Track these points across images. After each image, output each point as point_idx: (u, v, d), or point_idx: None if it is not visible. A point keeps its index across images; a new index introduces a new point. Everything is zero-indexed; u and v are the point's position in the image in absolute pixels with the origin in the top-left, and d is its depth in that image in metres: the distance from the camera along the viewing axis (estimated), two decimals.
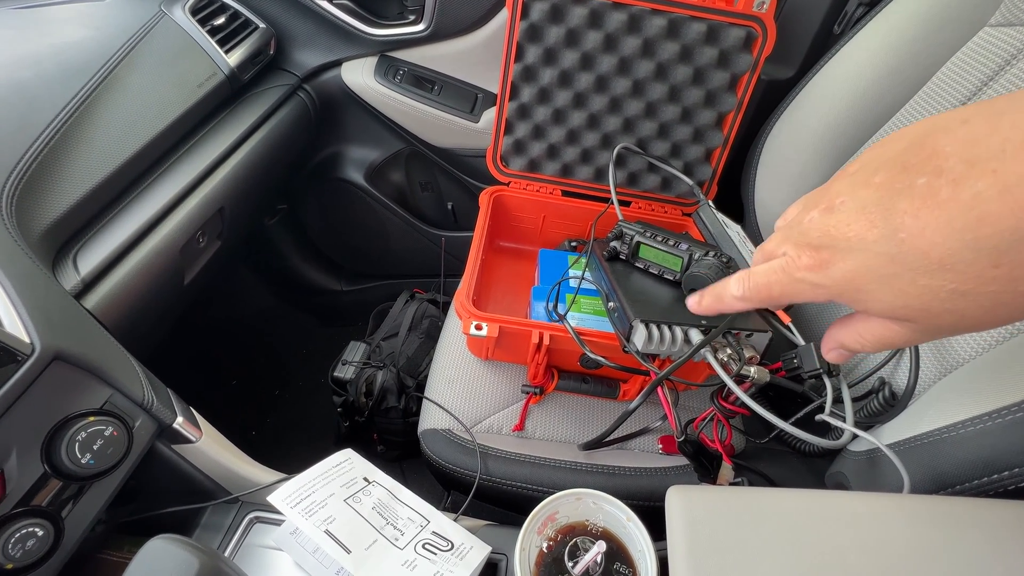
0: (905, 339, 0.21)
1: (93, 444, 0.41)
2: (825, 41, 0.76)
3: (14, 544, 0.36)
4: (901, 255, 0.19)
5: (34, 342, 0.40)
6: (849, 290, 0.21)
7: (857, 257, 0.20)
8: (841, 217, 0.21)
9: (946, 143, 0.18)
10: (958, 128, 0.18)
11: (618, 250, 0.63)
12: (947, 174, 0.17)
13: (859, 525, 0.29)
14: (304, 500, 0.45)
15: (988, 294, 0.18)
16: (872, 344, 0.23)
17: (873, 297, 0.20)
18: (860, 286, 0.20)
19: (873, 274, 0.20)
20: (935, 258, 0.18)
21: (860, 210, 0.20)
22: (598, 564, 0.40)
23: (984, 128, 0.17)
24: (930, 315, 0.19)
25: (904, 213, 0.18)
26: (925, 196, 0.18)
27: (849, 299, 0.21)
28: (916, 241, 0.18)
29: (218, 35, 0.77)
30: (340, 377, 0.92)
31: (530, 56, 0.70)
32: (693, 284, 0.55)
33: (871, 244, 0.19)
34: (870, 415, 0.49)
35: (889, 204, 0.19)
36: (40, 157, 0.52)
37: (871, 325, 0.22)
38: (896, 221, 0.19)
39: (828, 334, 0.26)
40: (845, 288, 0.21)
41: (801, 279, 0.22)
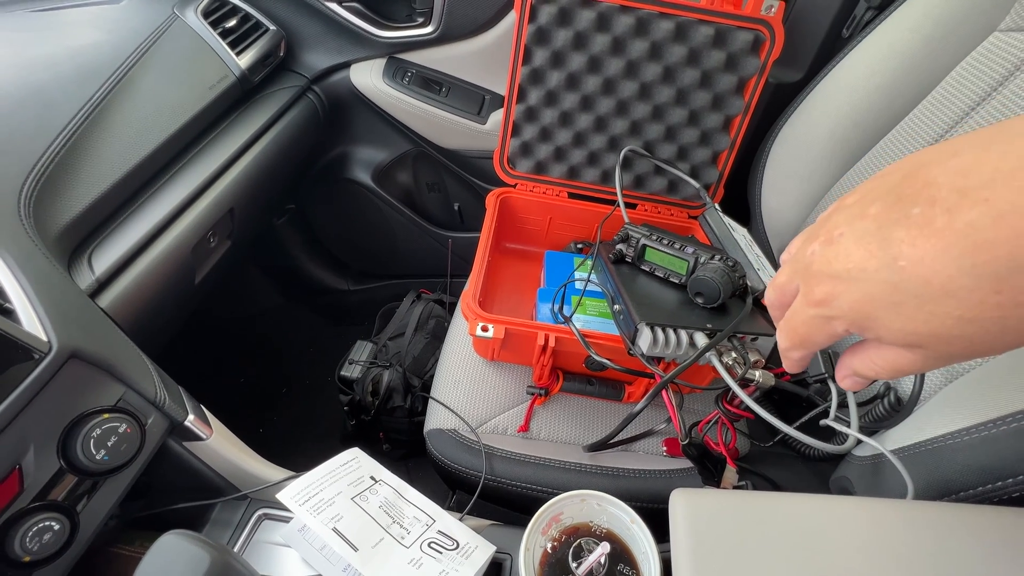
0: (918, 365, 0.21)
1: (107, 441, 0.42)
2: (833, 45, 0.76)
3: (31, 537, 0.37)
4: (903, 283, 0.19)
5: (51, 340, 0.40)
6: (860, 318, 0.21)
7: (861, 287, 0.20)
8: (840, 248, 0.21)
9: (938, 174, 0.18)
10: (949, 160, 0.18)
11: (624, 253, 0.64)
12: (940, 203, 0.18)
13: (864, 531, 0.29)
14: (312, 498, 0.45)
15: (994, 319, 0.18)
16: (886, 371, 0.23)
17: (883, 324, 0.20)
18: (868, 313, 0.20)
19: (879, 302, 0.20)
20: (937, 285, 0.18)
21: (858, 241, 0.20)
22: (602, 565, 0.41)
23: (974, 158, 0.18)
24: (940, 341, 0.19)
25: (901, 242, 0.19)
26: (921, 225, 0.18)
27: (860, 327, 0.22)
28: (916, 269, 0.18)
29: (229, 37, 0.78)
30: (347, 376, 0.93)
31: (538, 59, 0.71)
32: (699, 287, 0.55)
33: (872, 273, 0.20)
34: (875, 420, 0.49)
35: (886, 233, 0.19)
36: (57, 159, 0.53)
37: (884, 352, 0.22)
38: (894, 250, 0.19)
39: (842, 361, 0.26)
40: (856, 317, 0.21)
41: (816, 315, 0.23)
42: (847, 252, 0.21)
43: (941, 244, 0.18)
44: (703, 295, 0.55)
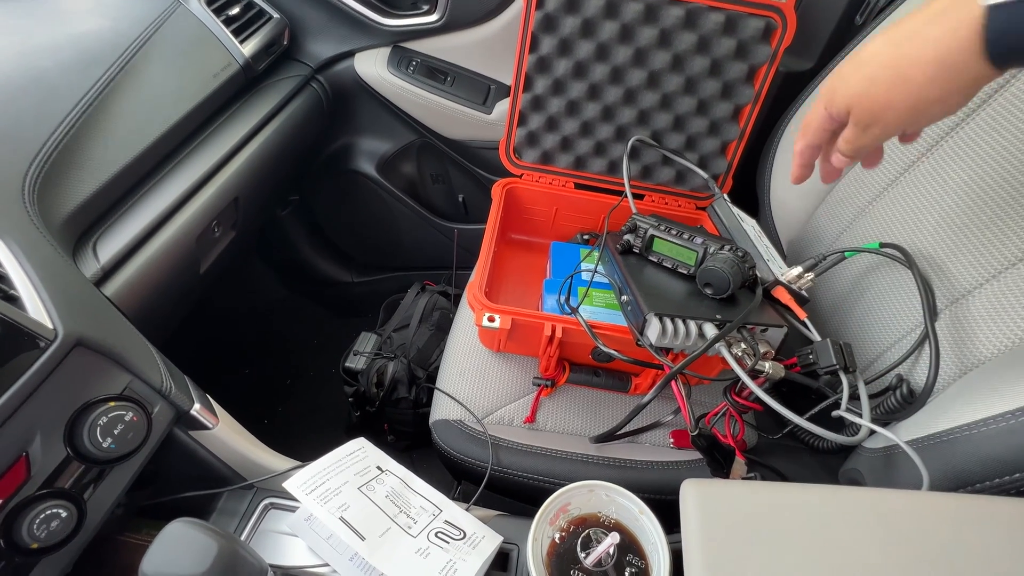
0: (856, 134, 0.38)
1: (114, 429, 0.42)
2: (846, 32, 0.75)
3: (39, 525, 0.37)
4: (855, 60, 0.36)
5: (57, 328, 0.40)
6: (829, 93, 0.38)
7: (839, 80, 0.38)
8: (838, 73, 0.38)
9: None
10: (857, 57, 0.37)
11: (631, 243, 0.63)
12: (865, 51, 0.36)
13: (879, 522, 0.29)
14: (319, 487, 0.45)
15: (884, 82, 0.34)
16: (845, 143, 0.39)
17: (840, 93, 0.37)
18: (835, 87, 0.37)
19: (841, 79, 0.37)
20: (863, 58, 0.35)
21: (846, 66, 0.38)
22: (611, 556, 0.40)
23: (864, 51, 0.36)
24: (859, 101, 0.36)
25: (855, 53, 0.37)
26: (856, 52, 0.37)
27: (830, 102, 0.38)
28: (858, 54, 0.36)
29: (233, 25, 0.77)
30: (351, 367, 0.93)
31: (545, 47, 0.70)
32: (708, 278, 0.55)
33: (846, 64, 0.37)
34: (887, 412, 0.48)
35: (852, 57, 0.37)
36: (60, 146, 0.52)
37: (845, 132, 0.39)
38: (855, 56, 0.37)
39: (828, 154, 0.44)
40: (829, 94, 0.38)
41: (817, 105, 0.40)
42: (839, 73, 0.38)
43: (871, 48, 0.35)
44: (712, 286, 0.54)
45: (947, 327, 0.47)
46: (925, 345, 0.48)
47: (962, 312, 0.47)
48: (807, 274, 0.57)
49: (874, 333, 0.56)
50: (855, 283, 0.61)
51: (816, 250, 0.69)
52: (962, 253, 0.48)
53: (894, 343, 0.53)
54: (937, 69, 0.31)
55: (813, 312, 0.67)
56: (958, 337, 0.46)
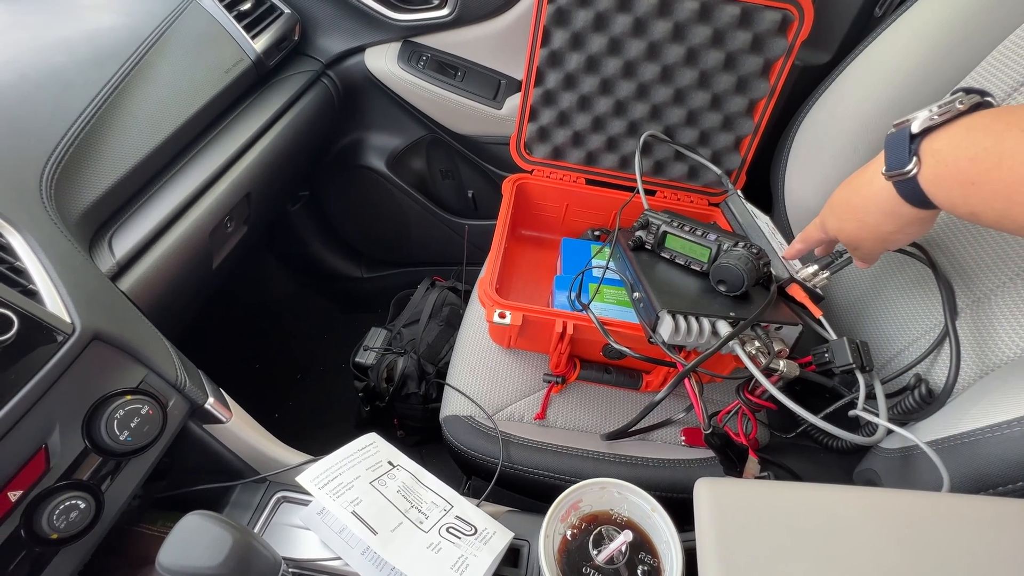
0: (855, 252, 0.47)
1: (130, 422, 0.43)
2: (865, 25, 0.73)
3: (59, 515, 0.38)
4: (830, 203, 0.47)
5: (75, 322, 0.41)
6: (826, 219, 0.48)
7: (831, 211, 0.47)
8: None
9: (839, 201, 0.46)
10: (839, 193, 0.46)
11: (643, 239, 0.63)
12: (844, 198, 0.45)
13: (899, 523, 0.28)
14: (331, 482, 0.46)
15: (851, 224, 0.44)
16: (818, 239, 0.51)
17: (828, 226, 0.47)
18: (827, 217, 0.47)
19: (834, 211, 0.46)
20: (833, 204, 0.46)
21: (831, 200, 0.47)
22: (623, 553, 0.40)
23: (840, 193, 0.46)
24: (841, 235, 0.46)
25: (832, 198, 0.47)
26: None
27: (824, 224, 0.48)
28: (832, 198, 0.47)
29: (244, 20, 0.77)
30: (361, 363, 0.93)
31: (556, 41, 0.69)
32: (722, 275, 0.54)
33: (832, 200, 0.47)
34: (904, 412, 0.48)
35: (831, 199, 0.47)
36: (77, 141, 0.53)
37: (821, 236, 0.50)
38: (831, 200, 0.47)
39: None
40: (825, 219, 0.48)
41: (814, 223, 0.50)
42: (830, 205, 0.47)
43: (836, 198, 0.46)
44: (726, 283, 0.54)
45: (968, 327, 0.46)
46: (944, 345, 0.47)
47: (984, 312, 0.46)
48: (822, 272, 0.56)
49: (891, 332, 0.55)
50: (872, 281, 0.60)
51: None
52: (985, 252, 0.47)
53: (911, 342, 0.53)
54: (884, 215, 0.40)
55: (828, 310, 0.66)
56: (979, 337, 0.45)
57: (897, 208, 0.38)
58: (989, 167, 0.30)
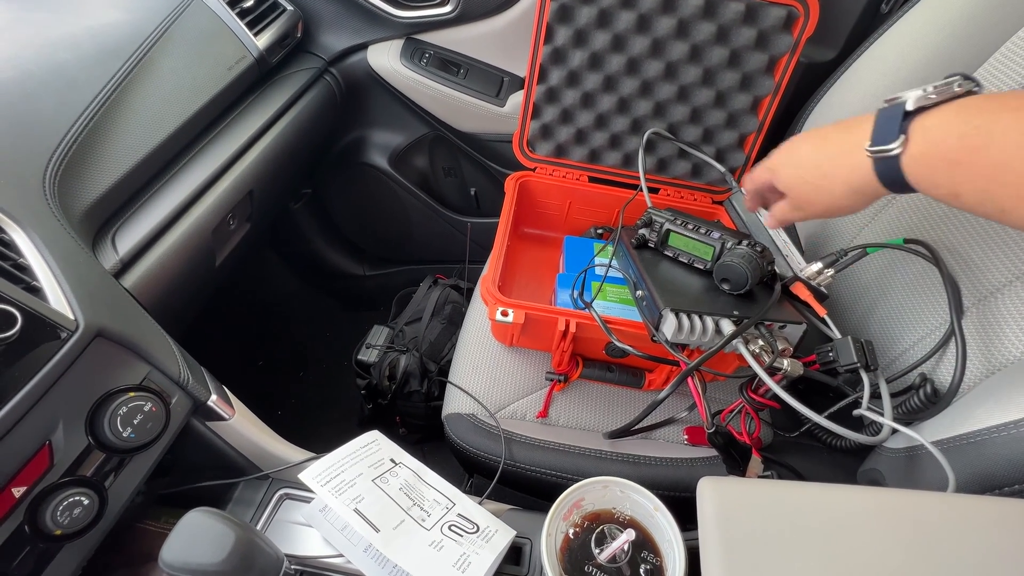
0: (787, 209, 0.47)
1: (133, 419, 0.43)
2: (871, 21, 0.73)
3: (62, 512, 0.38)
4: (794, 154, 0.45)
5: (78, 319, 0.41)
6: (774, 167, 0.47)
7: (780, 158, 0.47)
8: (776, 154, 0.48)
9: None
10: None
11: (646, 238, 0.62)
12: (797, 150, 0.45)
13: (904, 523, 0.28)
14: (334, 479, 0.46)
15: (811, 186, 0.43)
16: (778, 213, 0.48)
17: (780, 176, 0.46)
18: (776, 167, 0.47)
19: (782, 163, 0.46)
20: (800, 158, 0.45)
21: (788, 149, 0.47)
22: (625, 552, 0.40)
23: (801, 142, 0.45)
24: (793, 191, 0.45)
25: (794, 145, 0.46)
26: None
27: (774, 173, 0.47)
28: (797, 150, 0.45)
29: (247, 17, 0.77)
30: (364, 360, 0.93)
31: (560, 38, 0.69)
32: (726, 273, 0.54)
33: (786, 150, 0.47)
34: (909, 412, 0.47)
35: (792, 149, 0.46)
36: (80, 138, 0.53)
37: (780, 202, 0.48)
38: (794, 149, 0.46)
39: (768, 214, 0.51)
40: (773, 166, 0.47)
41: (763, 167, 0.49)
42: (789, 152, 0.46)
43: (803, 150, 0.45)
44: (730, 281, 0.54)
45: (974, 326, 0.46)
46: (950, 344, 0.47)
47: (990, 310, 0.45)
48: (827, 270, 0.56)
49: (896, 331, 0.55)
50: (877, 280, 0.60)
51: (836, 245, 0.67)
52: (991, 249, 0.47)
53: (917, 341, 0.52)
54: (851, 191, 0.40)
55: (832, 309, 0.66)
56: (985, 336, 0.44)
57: (867, 187, 0.38)
58: (978, 145, 0.30)
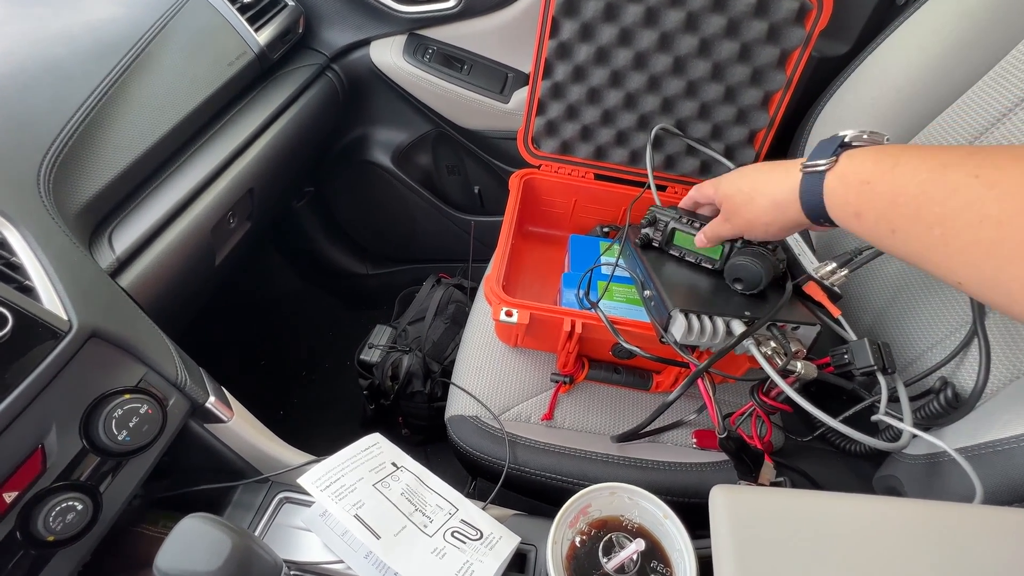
0: (726, 227, 0.49)
1: (129, 421, 0.42)
2: (885, 14, 0.71)
3: (55, 517, 0.37)
4: (741, 171, 0.49)
5: (72, 319, 0.40)
6: (728, 176, 0.50)
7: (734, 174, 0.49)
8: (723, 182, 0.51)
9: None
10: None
11: (651, 237, 0.61)
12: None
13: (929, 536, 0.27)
14: (334, 483, 0.44)
15: (743, 196, 0.47)
16: (713, 229, 0.51)
17: (723, 184, 0.49)
18: (721, 187, 0.50)
19: (734, 176, 0.49)
20: (744, 172, 0.48)
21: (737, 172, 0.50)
22: (634, 562, 0.39)
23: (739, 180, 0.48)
24: (727, 200, 0.48)
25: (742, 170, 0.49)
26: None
27: (717, 195, 0.50)
28: (742, 169, 0.49)
29: (248, 12, 0.76)
30: (366, 360, 0.92)
31: (565, 32, 0.67)
32: (738, 273, 0.52)
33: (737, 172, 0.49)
34: (928, 417, 0.46)
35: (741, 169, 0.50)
36: (76, 135, 0.52)
37: (718, 221, 0.50)
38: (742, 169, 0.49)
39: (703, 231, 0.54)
40: (726, 176, 0.50)
41: (707, 183, 0.53)
42: (736, 173, 0.49)
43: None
44: (743, 281, 0.52)
45: (997, 327, 0.44)
46: (971, 346, 0.45)
47: None
48: (841, 269, 0.54)
49: (914, 332, 0.53)
50: (893, 279, 0.58)
51: (850, 244, 0.66)
52: None
53: (935, 343, 0.51)
54: (771, 203, 0.43)
55: (847, 309, 0.64)
56: (1010, 338, 0.43)
57: (786, 202, 0.41)
58: (884, 170, 0.34)
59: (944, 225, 0.29)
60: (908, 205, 0.32)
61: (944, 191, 0.30)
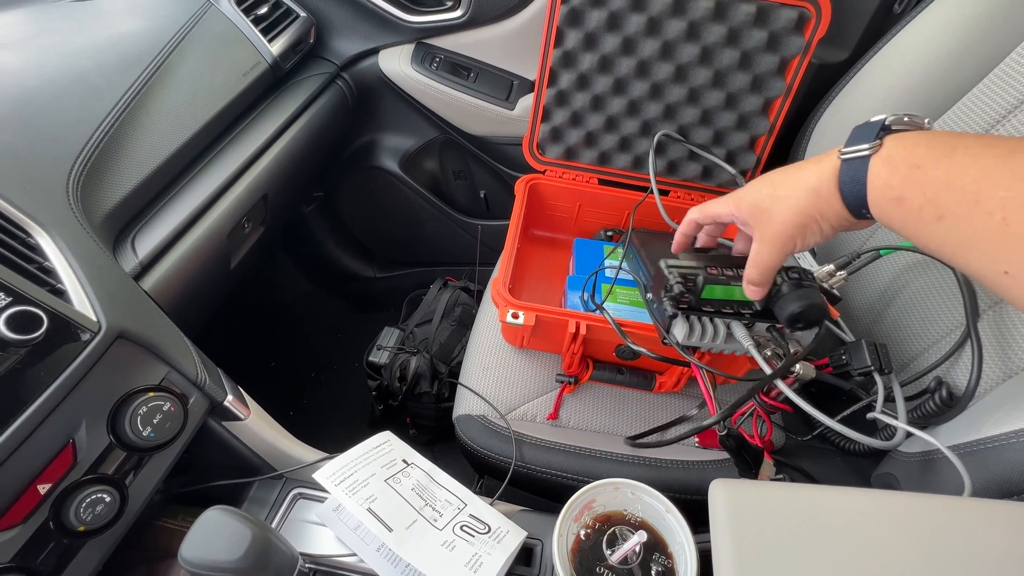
0: (761, 248, 0.42)
1: (153, 418, 0.44)
2: (883, 22, 0.72)
3: (85, 508, 0.39)
4: (754, 185, 0.44)
5: (100, 320, 0.42)
6: (740, 193, 0.45)
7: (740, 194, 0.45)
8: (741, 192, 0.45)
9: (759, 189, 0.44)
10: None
11: (680, 296, 0.48)
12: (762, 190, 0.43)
13: (919, 527, 0.28)
14: (347, 479, 0.46)
15: (770, 188, 0.42)
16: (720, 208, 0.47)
17: (745, 194, 0.44)
18: (739, 196, 0.45)
19: (750, 188, 0.44)
20: (764, 177, 0.43)
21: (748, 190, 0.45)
22: (636, 554, 0.40)
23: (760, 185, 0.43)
24: (754, 207, 0.42)
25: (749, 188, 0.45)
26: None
27: (739, 198, 0.45)
28: (756, 182, 0.44)
29: (261, 24, 0.79)
30: (375, 362, 0.94)
31: (570, 41, 0.69)
32: (797, 312, 0.44)
33: (751, 185, 0.44)
34: (924, 416, 0.47)
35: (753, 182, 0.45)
36: (102, 144, 0.54)
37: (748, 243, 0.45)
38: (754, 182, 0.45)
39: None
40: (739, 192, 0.45)
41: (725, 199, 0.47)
42: (749, 188, 0.45)
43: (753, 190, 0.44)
44: (804, 319, 0.45)
45: (990, 329, 0.45)
46: (965, 347, 0.47)
47: (1006, 314, 0.45)
48: (839, 272, 0.55)
49: (910, 334, 0.54)
50: (890, 282, 0.59)
51: (848, 248, 0.67)
52: None
53: (931, 345, 0.52)
54: (810, 193, 0.38)
55: (845, 312, 0.65)
56: (1001, 340, 0.44)
57: (826, 193, 0.37)
58: (941, 155, 0.32)
59: (1007, 209, 0.28)
60: (966, 190, 0.30)
61: (1011, 176, 0.29)
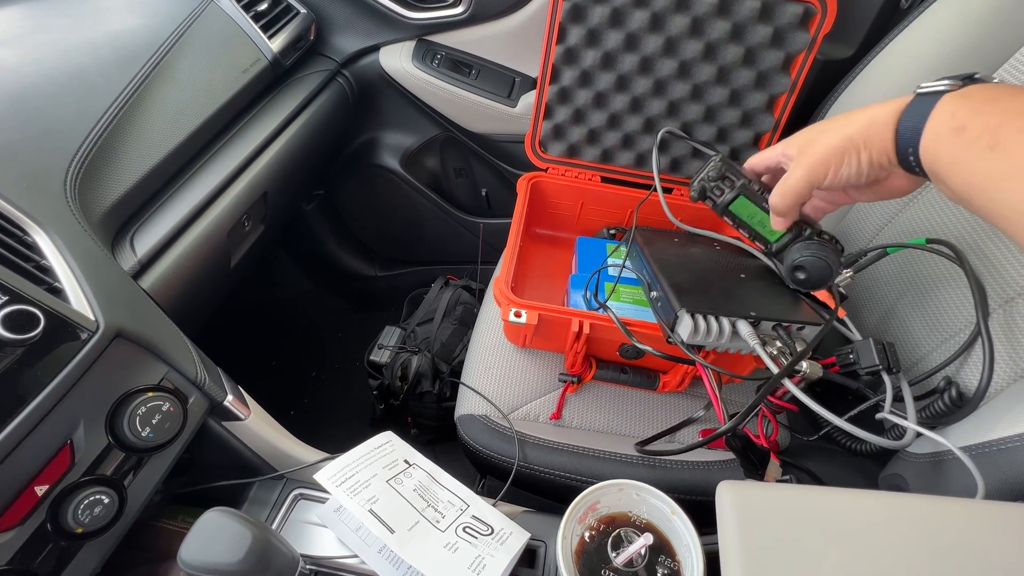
0: (798, 174, 0.43)
1: (152, 418, 0.43)
2: (890, 17, 0.71)
3: (83, 510, 0.38)
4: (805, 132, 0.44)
5: (98, 319, 0.41)
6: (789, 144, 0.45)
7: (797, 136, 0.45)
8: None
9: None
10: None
11: (708, 192, 0.53)
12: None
13: (932, 530, 0.27)
14: (349, 480, 0.46)
15: (824, 124, 0.42)
16: (784, 185, 0.44)
17: (792, 142, 0.45)
18: (789, 140, 0.45)
19: (797, 138, 0.45)
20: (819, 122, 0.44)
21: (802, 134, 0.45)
22: (642, 557, 0.40)
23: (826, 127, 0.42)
24: (808, 142, 0.42)
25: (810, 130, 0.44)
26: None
27: (787, 145, 0.46)
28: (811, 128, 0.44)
29: (261, 20, 0.78)
30: (376, 361, 0.94)
31: (572, 37, 0.68)
32: (802, 264, 0.48)
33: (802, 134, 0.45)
34: (933, 416, 0.46)
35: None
36: (99, 142, 0.54)
37: (787, 175, 0.44)
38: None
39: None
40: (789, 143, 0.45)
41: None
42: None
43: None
44: (806, 273, 0.48)
45: (1000, 327, 0.45)
46: (975, 346, 0.46)
47: (1017, 312, 0.44)
48: (846, 271, 0.55)
49: (918, 333, 0.54)
50: (898, 280, 0.59)
51: (855, 246, 0.66)
52: (1017, 249, 0.46)
53: (940, 344, 0.51)
54: (862, 121, 0.39)
55: (853, 310, 0.65)
56: (1013, 338, 0.43)
57: (880, 117, 0.37)
58: (1017, 92, 0.33)
59: None
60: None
61: None
